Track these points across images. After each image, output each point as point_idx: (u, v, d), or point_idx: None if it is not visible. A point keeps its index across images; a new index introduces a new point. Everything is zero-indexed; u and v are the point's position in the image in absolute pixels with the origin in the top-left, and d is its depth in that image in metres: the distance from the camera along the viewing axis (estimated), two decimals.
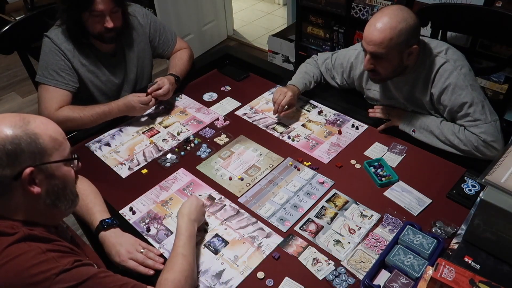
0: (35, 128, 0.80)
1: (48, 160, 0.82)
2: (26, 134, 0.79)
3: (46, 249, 0.78)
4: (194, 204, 1.14)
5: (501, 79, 2.07)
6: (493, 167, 1.02)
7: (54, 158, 0.83)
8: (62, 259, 0.79)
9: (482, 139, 1.30)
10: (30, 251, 0.77)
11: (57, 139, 0.84)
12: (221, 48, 2.22)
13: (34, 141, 0.79)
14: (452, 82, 1.32)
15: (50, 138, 0.82)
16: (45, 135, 0.81)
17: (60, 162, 0.84)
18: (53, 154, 0.83)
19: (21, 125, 0.79)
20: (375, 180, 1.32)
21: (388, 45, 1.27)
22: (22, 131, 0.79)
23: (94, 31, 1.49)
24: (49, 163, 0.82)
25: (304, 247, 1.14)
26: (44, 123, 0.83)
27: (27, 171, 0.78)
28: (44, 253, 0.77)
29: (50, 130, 0.83)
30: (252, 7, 4.60)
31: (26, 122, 0.80)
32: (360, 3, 2.40)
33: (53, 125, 0.86)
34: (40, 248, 0.78)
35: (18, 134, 0.78)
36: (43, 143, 0.81)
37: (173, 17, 3.26)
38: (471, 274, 0.89)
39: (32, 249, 0.77)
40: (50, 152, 0.82)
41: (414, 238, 1.09)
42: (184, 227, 1.08)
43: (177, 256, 1.01)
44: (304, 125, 1.59)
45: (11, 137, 0.77)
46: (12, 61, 3.43)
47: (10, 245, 0.76)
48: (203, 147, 1.50)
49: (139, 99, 1.53)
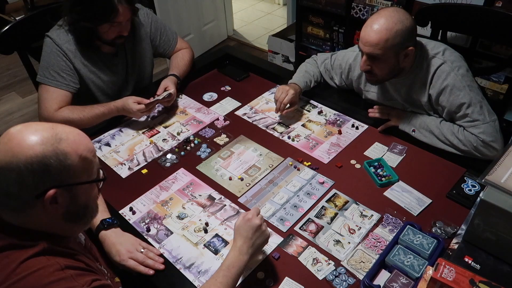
0: (66, 147, 0.76)
1: (74, 181, 0.78)
2: (56, 154, 0.74)
3: (65, 266, 0.76)
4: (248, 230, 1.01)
5: (501, 79, 2.07)
6: (493, 167, 1.02)
7: (81, 179, 0.79)
8: (80, 277, 0.76)
9: (481, 139, 1.30)
10: (49, 266, 0.75)
11: (86, 158, 0.79)
12: (221, 48, 2.22)
13: (63, 162, 0.75)
14: (450, 83, 1.32)
15: (80, 158, 0.78)
16: (75, 155, 0.77)
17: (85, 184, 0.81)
18: (80, 175, 0.79)
19: (52, 142, 0.75)
20: (375, 180, 1.32)
21: (384, 46, 1.28)
22: (52, 150, 0.74)
23: (108, 38, 1.51)
24: (74, 185, 0.78)
25: (304, 247, 1.14)
26: (76, 141, 0.78)
27: (51, 193, 0.75)
28: (62, 270, 0.75)
29: (81, 149, 0.78)
30: (252, 7, 4.60)
31: (58, 139, 0.76)
32: (360, 3, 2.40)
33: (85, 143, 0.81)
34: (59, 264, 0.76)
35: (47, 154, 0.73)
36: (71, 164, 0.76)
37: (173, 17, 3.26)
38: (471, 274, 0.89)
39: (51, 264, 0.75)
40: (77, 174, 0.78)
41: (414, 238, 1.09)
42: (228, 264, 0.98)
43: None
44: (304, 125, 1.59)
45: (40, 156, 0.73)
46: (12, 61, 3.43)
47: (28, 259, 0.74)
48: (203, 147, 1.50)
49: (137, 107, 1.52)
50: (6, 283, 0.71)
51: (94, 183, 0.84)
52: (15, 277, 0.72)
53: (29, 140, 0.74)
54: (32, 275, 0.73)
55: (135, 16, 1.56)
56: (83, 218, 0.86)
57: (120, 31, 1.50)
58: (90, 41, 1.53)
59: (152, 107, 1.58)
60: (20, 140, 0.74)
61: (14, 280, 0.72)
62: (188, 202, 1.30)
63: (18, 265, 0.73)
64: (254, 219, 1.03)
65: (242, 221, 1.03)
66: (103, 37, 1.50)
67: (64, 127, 0.80)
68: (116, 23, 1.46)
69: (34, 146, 0.73)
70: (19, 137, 0.74)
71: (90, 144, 0.83)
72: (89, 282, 0.76)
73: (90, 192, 0.84)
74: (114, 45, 1.58)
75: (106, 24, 1.45)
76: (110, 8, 1.40)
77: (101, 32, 1.48)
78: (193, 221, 1.24)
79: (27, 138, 0.74)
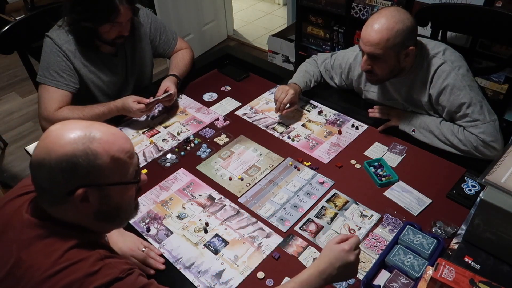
0: (97, 148, 0.76)
1: (104, 181, 0.78)
2: (86, 154, 0.75)
3: (104, 256, 0.78)
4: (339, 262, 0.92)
5: (501, 79, 2.07)
6: (493, 167, 1.02)
7: (112, 180, 0.79)
8: (119, 265, 0.79)
9: (481, 139, 1.30)
10: (90, 256, 0.77)
11: (120, 159, 0.79)
12: (221, 48, 2.22)
13: (92, 162, 0.75)
14: (450, 83, 1.32)
15: (112, 159, 0.77)
16: (106, 156, 0.76)
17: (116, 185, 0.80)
18: (112, 175, 0.78)
19: (84, 142, 0.75)
20: (375, 180, 1.32)
21: (385, 45, 1.28)
22: (82, 150, 0.75)
23: (109, 38, 1.51)
24: (104, 185, 0.78)
25: (304, 247, 1.14)
26: (109, 141, 0.78)
27: (80, 191, 0.76)
28: (102, 260, 0.77)
29: (114, 150, 0.78)
30: (252, 7, 4.60)
31: (90, 139, 0.76)
32: (360, 3, 2.40)
33: (119, 144, 0.80)
34: (99, 254, 0.78)
35: (77, 153, 0.74)
36: (102, 164, 0.76)
37: (173, 17, 3.26)
38: (471, 274, 0.90)
39: (91, 254, 0.77)
40: (108, 173, 0.78)
41: (414, 238, 1.09)
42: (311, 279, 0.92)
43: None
44: (304, 125, 1.59)
45: (70, 155, 0.74)
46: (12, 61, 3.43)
47: (71, 249, 0.77)
48: (203, 147, 1.50)
49: (137, 107, 1.52)
50: (51, 270, 0.74)
51: (125, 185, 0.82)
52: (59, 265, 0.74)
53: (62, 138, 0.75)
54: (75, 265, 0.75)
55: (135, 16, 1.56)
56: (115, 219, 0.86)
57: (120, 31, 1.50)
58: (90, 41, 1.53)
59: (152, 107, 1.58)
60: (55, 138, 0.76)
61: (58, 268, 0.74)
62: (188, 202, 1.30)
63: (62, 254, 0.75)
64: (350, 255, 0.92)
65: (338, 248, 0.93)
66: (103, 37, 1.50)
67: (101, 126, 0.80)
68: (117, 23, 1.46)
69: (66, 145, 0.75)
70: (54, 135, 0.76)
71: (126, 145, 0.81)
72: (126, 270, 0.79)
73: (124, 194, 0.83)
74: (114, 45, 1.58)
75: (107, 24, 1.45)
76: (111, 8, 1.40)
77: (101, 32, 1.48)
78: (193, 221, 1.24)
79: (62, 136, 0.76)
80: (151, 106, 1.56)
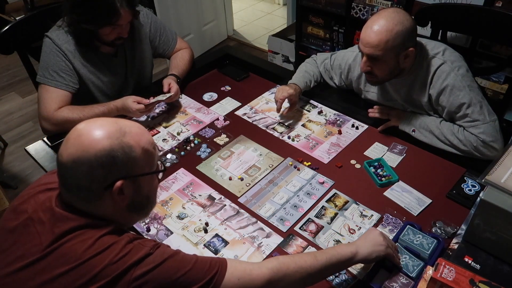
0: (130, 140, 0.80)
1: (139, 172, 0.82)
2: (122, 147, 0.78)
3: (133, 238, 0.82)
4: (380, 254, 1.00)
5: (501, 79, 2.07)
6: (493, 167, 1.02)
7: (144, 170, 0.83)
8: (147, 242, 0.82)
9: (481, 139, 1.30)
10: (121, 240, 0.80)
11: (148, 150, 0.83)
12: (221, 48, 2.22)
13: (128, 154, 0.79)
14: (450, 83, 1.32)
15: (143, 150, 0.82)
16: (138, 147, 0.81)
17: (149, 174, 0.85)
18: (144, 166, 0.83)
19: (118, 136, 0.79)
20: (375, 180, 1.32)
21: (384, 47, 1.28)
22: (118, 143, 0.78)
23: (109, 40, 1.51)
24: (139, 176, 0.83)
25: (304, 247, 1.14)
26: (138, 134, 0.83)
27: (118, 184, 0.79)
28: (131, 242, 0.80)
29: (143, 142, 0.82)
30: (252, 7, 4.60)
31: (122, 133, 0.80)
32: (360, 3, 2.40)
33: (146, 135, 0.85)
34: (129, 237, 0.81)
35: (114, 147, 0.78)
36: (136, 156, 0.80)
37: (173, 17, 3.26)
38: (471, 274, 0.90)
39: (122, 238, 0.80)
40: (141, 165, 0.82)
41: (414, 238, 1.09)
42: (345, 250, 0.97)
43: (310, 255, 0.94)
44: (304, 125, 1.59)
45: (108, 150, 0.77)
46: (12, 61, 3.44)
47: (103, 236, 0.79)
48: (203, 147, 1.50)
49: (137, 107, 1.52)
50: (84, 257, 0.76)
51: (155, 174, 0.88)
52: (92, 253, 0.76)
53: (97, 134, 0.78)
54: (107, 249, 0.77)
55: (135, 18, 1.57)
56: (144, 208, 0.90)
57: (120, 33, 1.50)
58: (89, 42, 1.53)
59: (151, 107, 1.58)
60: (89, 135, 0.78)
61: (91, 255, 0.76)
62: (188, 202, 1.30)
63: (94, 241, 0.78)
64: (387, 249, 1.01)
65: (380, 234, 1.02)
66: (103, 38, 1.51)
67: (125, 121, 0.84)
68: (117, 26, 1.46)
69: (102, 140, 0.77)
70: (86, 132, 0.78)
71: (150, 137, 0.86)
72: (153, 246, 0.81)
73: (152, 183, 0.88)
74: (114, 45, 1.58)
75: (108, 27, 1.45)
76: (112, 12, 1.41)
77: (101, 34, 1.48)
78: (193, 221, 1.24)
79: (95, 132, 0.78)
80: (150, 106, 1.56)
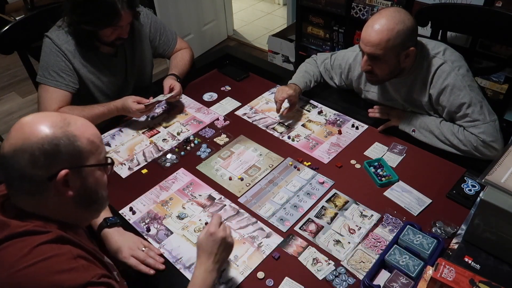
0: (74, 130, 0.79)
1: (84, 163, 0.81)
2: (66, 136, 0.78)
3: (77, 255, 0.77)
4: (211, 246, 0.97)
5: (501, 79, 2.07)
6: (493, 167, 1.02)
7: (90, 162, 0.82)
8: (91, 269, 0.77)
9: (481, 139, 1.30)
10: (62, 254, 0.76)
11: (94, 142, 0.83)
12: (221, 48, 2.22)
13: (73, 143, 0.78)
14: (450, 83, 1.32)
15: (88, 141, 0.81)
16: (84, 138, 0.80)
17: (95, 166, 0.84)
18: (90, 157, 0.82)
19: (61, 125, 0.78)
20: (375, 180, 1.32)
21: (385, 46, 1.28)
22: (62, 132, 0.78)
23: (109, 40, 1.51)
24: (85, 167, 0.81)
25: (304, 247, 1.14)
26: (84, 125, 0.83)
27: (62, 173, 0.77)
28: (74, 259, 0.76)
29: (88, 133, 0.82)
30: (252, 7, 4.60)
31: (66, 123, 0.79)
32: (360, 3, 2.40)
33: (92, 128, 0.85)
34: (72, 253, 0.77)
35: (57, 135, 0.77)
36: (81, 145, 0.80)
37: (173, 17, 3.26)
38: (471, 274, 0.90)
39: (64, 252, 0.76)
40: (86, 156, 0.81)
41: (414, 238, 1.09)
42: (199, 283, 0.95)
43: None
44: (304, 125, 1.59)
45: (51, 137, 0.76)
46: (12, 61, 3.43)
47: (41, 244, 0.75)
48: (203, 147, 1.50)
49: (137, 107, 1.52)
50: (17, 267, 0.72)
51: (102, 166, 0.86)
52: (25, 262, 0.73)
53: (39, 123, 0.77)
54: (44, 261, 0.73)
55: (136, 19, 1.57)
56: (94, 203, 0.88)
57: (120, 34, 1.50)
58: (89, 42, 1.53)
59: (151, 107, 1.58)
60: (31, 125, 0.77)
61: (24, 265, 0.72)
62: (188, 202, 1.30)
63: (30, 250, 0.74)
64: (217, 233, 0.98)
65: (204, 236, 0.99)
66: (103, 39, 1.51)
67: (72, 115, 0.84)
68: (118, 27, 1.47)
69: (45, 129, 0.77)
70: (29, 123, 0.78)
71: (97, 131, 0.86)
72: (98, 276, 0.77)
73: (100, 178, 0.86)
74: (113, 46, 1.59)
75: (108, 28, 1.45)
76: (113, 13, 1.41)
77: (101, 34, 1.49)
78: (193, 221, 1.23)
79: (37, 122, 0.78)
80: (151, 106, 1.56)
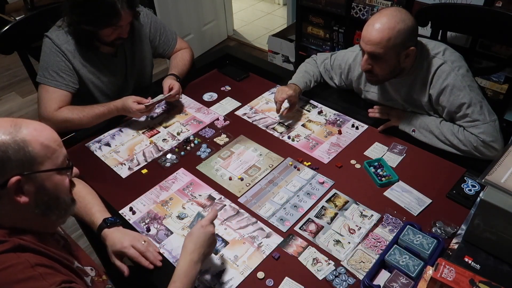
0: (26, 135, 0.76)
1: (38, 169, 0.78)
2: (15, 142, 0.75)
3: (35, 263, 0.75)
4: (202, 238, 1.00)
5: (501, 79, 2.07)
6: (493, 167, 1.02)
7: (45, 167, 0.79)
8: (50, 277, 0.75)
9: (481, 139, 1.30)
10: (18, 264, 0.73)
11: (49, 146, 0.80)
12: (221, 48, 2.22)
13: (23, 149, 0.76)
14: (450, 83, 1.32)
15: (42, 146, 0.78)
16: (36, 143, 0.77)
17: (51, 171, 0.80)
18: (44, 162, 0.79)
19: (10, 131, 0.76)
20: (375, 180, 1.32)
21: (386, 45, 1.28)
22: (10, 138, 0.75)
23: (109, 40, 1.52)
24: (38, 172, 0.78)
25: (304, 247, 1.14)
26: (37, 129, 0.79)
27: (13, 180, 0.75)
28: (32, 268, 0.74)
29: (42, 137, 0.79)
30: (252, 7, 4.60)
31: (17, 128, 0.77)
32: (360, 3, 2.40)
33: (48, 132, 0.81)
34: (29, 262, 0.74)
35: (5, 141, 0.74)
36: (32, 151, 0.77)
37: (173, 17, 3.26)
38: (471, 274, 0.90)
39: (21, 261, 0.74)
40: (40, 161, 0.78)
41: (414, 238, 1.09)
42: (184, 271, 0.97)
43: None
44: (304, 125, 1.59)
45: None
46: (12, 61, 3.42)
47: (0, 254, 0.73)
48: (203, 147, 1.50)
49: (137, 107, 1.51)
50: None
51: (60, 171, 0.82)
52: None
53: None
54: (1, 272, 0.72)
55: (136, 19, 1.57)
56: (55, 209, 0.84)
57: (120, 33, 1.51)
58: (89, 42, 1.53)
59: (151, 108, 1.58)
60: None
61: None
62: (188, 202, 1.30)
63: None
64: (209, 227, 1.02)
65: (195, 229, 1.02)
66: (103, 39, 1.51)
67: (26, 120, 0.81)
68: (118, 27, 1.47)
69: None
70: None
71: (54, 134, 0.83)
72: (58, 283, 0.75)
73: (60, 183, 0.83)
74: (113, 45, 1.59)
75: (108, 28, 1.45)
76: (113, 13, 1.41)
77: (101, 34, 1.49)
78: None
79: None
80: (151, 106, 1.56)
